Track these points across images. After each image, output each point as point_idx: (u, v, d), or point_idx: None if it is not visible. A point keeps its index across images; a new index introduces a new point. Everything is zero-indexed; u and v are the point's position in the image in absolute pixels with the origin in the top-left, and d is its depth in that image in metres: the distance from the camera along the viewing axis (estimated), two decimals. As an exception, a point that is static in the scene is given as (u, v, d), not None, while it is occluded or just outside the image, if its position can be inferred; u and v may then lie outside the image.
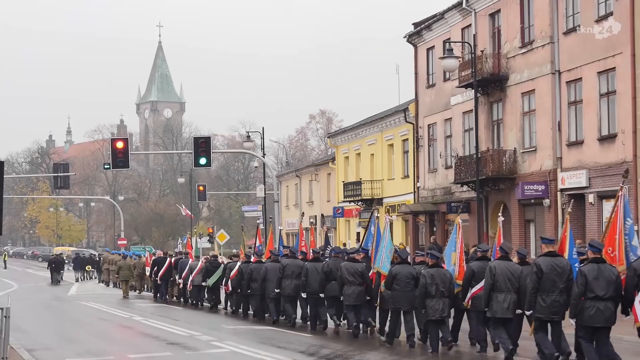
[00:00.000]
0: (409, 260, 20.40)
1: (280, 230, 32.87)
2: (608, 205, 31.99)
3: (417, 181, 47.08)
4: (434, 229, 45.03)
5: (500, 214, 21.00)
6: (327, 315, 23.26)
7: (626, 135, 30.68)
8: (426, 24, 45.69)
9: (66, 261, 68.36)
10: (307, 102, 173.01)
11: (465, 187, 40.39)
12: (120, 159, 38.26)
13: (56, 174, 58.79)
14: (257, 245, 31.93)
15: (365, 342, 20.93)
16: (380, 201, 51.65)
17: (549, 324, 16.01)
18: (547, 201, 34.87)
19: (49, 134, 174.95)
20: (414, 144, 47.50)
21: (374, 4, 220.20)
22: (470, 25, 40.84)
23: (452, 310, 19.32)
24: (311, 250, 25.38)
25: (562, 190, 34.22)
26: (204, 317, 30.12)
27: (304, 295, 23.82)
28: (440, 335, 18.55)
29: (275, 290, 25.00)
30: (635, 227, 27.37)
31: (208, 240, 72.88)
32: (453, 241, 19.95)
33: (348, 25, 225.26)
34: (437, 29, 44.59)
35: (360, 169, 55.25)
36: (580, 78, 33.40)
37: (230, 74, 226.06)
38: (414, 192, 47.40)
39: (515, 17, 37.52)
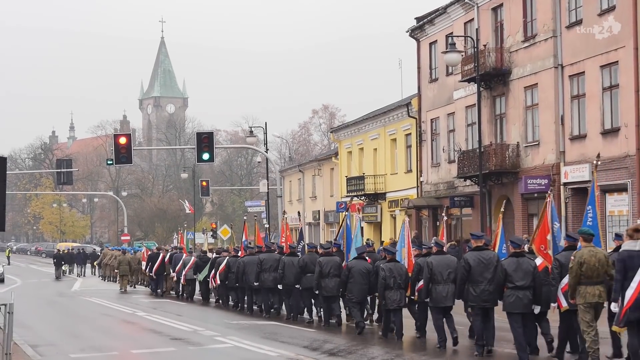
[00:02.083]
0: (364, 256, 22.08)
1: (267, 227, 33.59)
2: (612, 199, 32.02)
3: (420, 176, 47.05)
4: (437, 223, 44.99)
5: (444, 214, 24.65)
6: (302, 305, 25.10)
7: (629, 129, 30.65)
8: (429, 18, 45.64)
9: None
10: (309, 99, 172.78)
11: (468, 182, 40.38)
12: (123, 154, 38.28)
13: (59, 170, 58.83)
14: (243, 240, 33.14)
15: (369, 337, 20.94)
16: (383, 196, 51.65)
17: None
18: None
19: (52, 130, 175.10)
20: (416, 138, 47.46)
21: (375, 0, 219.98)
22: (472, 19, 40.78)
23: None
24: (288, 245, 26.83)
25: (565, 184, 34.17)
26: (207, 312, 30.16)
27: (280, 287, 25.40)
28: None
29: (255, 283, 26.71)
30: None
31: (211, 235, 72.95)
32: (402, 237, 21.51)
33: (349, 21, 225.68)
34: (440, 23, 44.55)
35: (363, 163, 55.22)
36: (583, 72, 33.36)
37: (232, 71, 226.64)
38: (417, 186, 47.37)
39: (518, 11, 37.47)
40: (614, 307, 14.33)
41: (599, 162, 30.60)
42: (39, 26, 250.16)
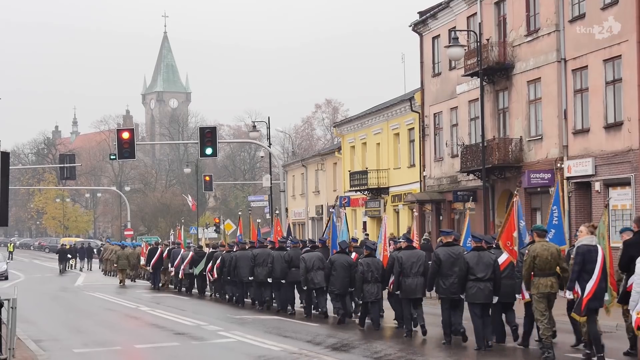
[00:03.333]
0: (346, 251, 23.24)
1: (259, 222, 34.70)
2: (614, 194, 31.98)
3: (423, 170, 47.02)
4: (440, 217, 45.01)
5: (415, 211, 24.76)
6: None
7: (632, 123, 30.60)
8: (432, 12, 45.59)
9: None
10: (312, 94, 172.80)
11: (471, 176, 40.33)
12: (126, 149, 38.35)
13: (62, 165, 58.84)
14: (238, 235, 34.32)
15: (371, 331, 20.97)
16: (386, 190, 51.63)
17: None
18: (553, 189, 34.76)
19: (55, 125, 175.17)
20: (420, 132, 47.44)
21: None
22: (475, 13, 40.73)
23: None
24: (277, 240, 28.27)
25: (568, 178, 34.16)
26: (211, 307, 30.20)
27: (269, 280, 26.60)
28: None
29: (250, 277, 27.76)
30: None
31: (215, 230, 73.01)
32: (381, 234, 22.71)
33: (352, 17, 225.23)
34: (443, 18, 44.51)
35: (366, 158, 55.21)
36: (586, 66, 33.31)
37: (235, 66, 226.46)
38: (420, 181, 47.35)
39: (521, 5, 37.41)
40: (569, 294, 15.63)
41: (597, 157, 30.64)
42: (41, 22, 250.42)
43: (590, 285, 15.13)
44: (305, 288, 24.46)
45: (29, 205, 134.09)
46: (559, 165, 20.85)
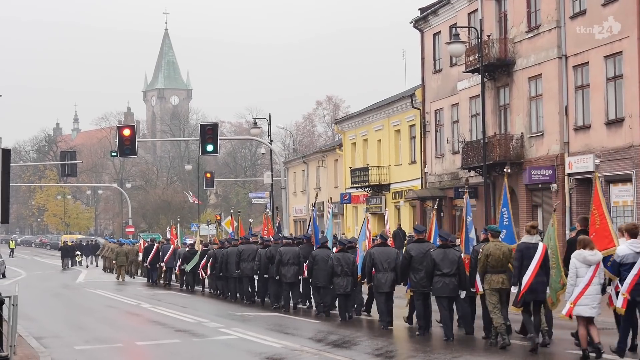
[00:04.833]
0: (328, 246, 24.40)
1: (251, 222, 35.51)
2: (616, 190, 31.98)
3: (425, 167, 47.02)
4: (442, 214, 44.97)
5: (386, 209, 25.67)
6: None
7: (633, 119, 30.60)
8: (432, 9, 45.59)
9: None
10: (313, 91, 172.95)
11: (472, 172, 40.33)
12: (127, 146, 38.40)
13: (63, 162, 58.88)
14: (230, 232, 35.04)
15: (373, 328, 20.99)
16: (387, 187, 51.62)
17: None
18: (554, 186, 34.80)
19: (56, 122, 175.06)
20: (421, 129, 47.44)
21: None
22: (476, 10, 40.72)
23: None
24: (260, 237, 29.44)
25: (569, 174, 34.15)
26: (212, 304, 30.19)
27: (256, 277, 27.87)
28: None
29: (236, 272, 28.89)
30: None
31: (215, 227, 73.01)
32: (364, 232, 23.72)
33: (353, 13, 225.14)
34: (444, 14, 44.50)
35: (367, 154, 55.20)
36: (587, 62, 33.30)
37: (236, 63, 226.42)
38: (421, 177, 47.35)
39: (522, 2, 37.40)
40: (514, 289, 16.57)
41: (602, 154, 30.65)
42: (42, 20, 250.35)
43: (525, 279, 16.11)
44: (277, 278, 25.58)
45: (30, 202, 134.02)
46: (506, 169, 21.85)
